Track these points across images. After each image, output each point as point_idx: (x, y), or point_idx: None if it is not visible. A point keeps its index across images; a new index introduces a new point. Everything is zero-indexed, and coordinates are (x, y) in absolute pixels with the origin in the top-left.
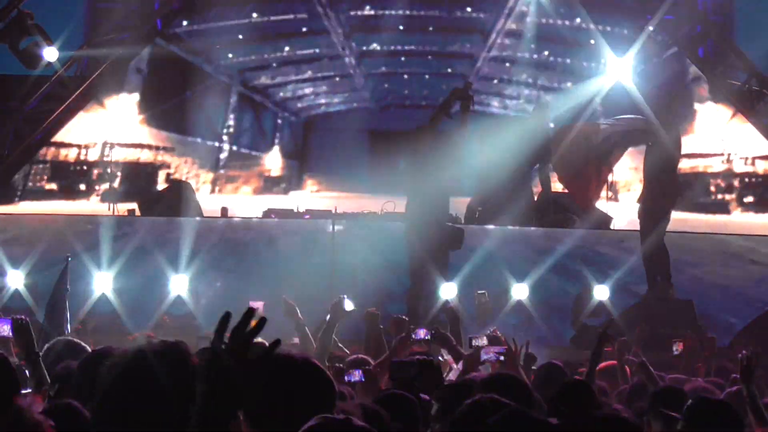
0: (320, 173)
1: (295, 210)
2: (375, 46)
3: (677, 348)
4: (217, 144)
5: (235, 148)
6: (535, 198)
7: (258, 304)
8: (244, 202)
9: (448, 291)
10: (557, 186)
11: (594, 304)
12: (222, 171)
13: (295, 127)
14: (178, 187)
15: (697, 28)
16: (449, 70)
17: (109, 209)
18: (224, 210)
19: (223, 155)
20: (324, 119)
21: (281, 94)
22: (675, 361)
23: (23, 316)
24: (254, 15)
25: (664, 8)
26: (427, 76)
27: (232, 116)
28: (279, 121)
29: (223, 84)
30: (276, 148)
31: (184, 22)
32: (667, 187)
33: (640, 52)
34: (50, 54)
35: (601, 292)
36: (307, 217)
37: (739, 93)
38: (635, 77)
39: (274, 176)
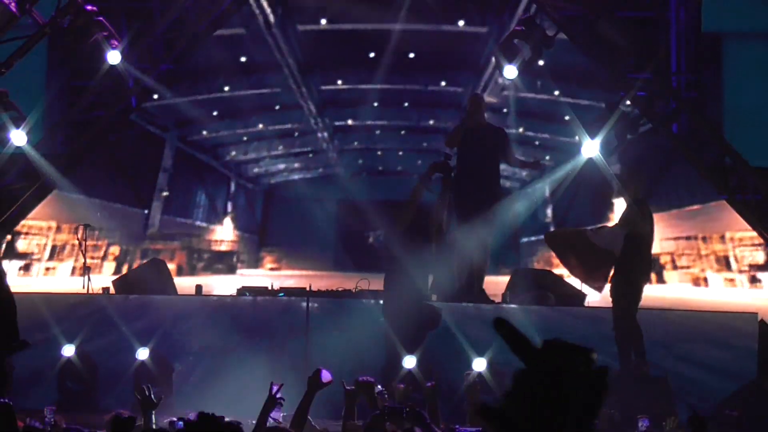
0: (280, 248)
1: (270, 288)
2: (349, 121)
3: (642, 425)
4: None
5: (166, 216)
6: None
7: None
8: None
9: (408, 362)
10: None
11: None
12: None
13: (252, 196)
14: (154, 265)
15: (671, 105)
16: (425, 145)
17: (83, 287)
18: (198, 287)
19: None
20: (287, 187)
21: (233, 153)
22: None
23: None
24: (226, 89)
25: (638, 85)
26: (401, 152)
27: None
28: (232, 187)
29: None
30: (227, 219)
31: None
32: (639, 265)
33: (614, 129)
34: (18, 138)
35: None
36: (282, 295)
37: (713, 169)
38: (608, 154)
39: (222, 251)
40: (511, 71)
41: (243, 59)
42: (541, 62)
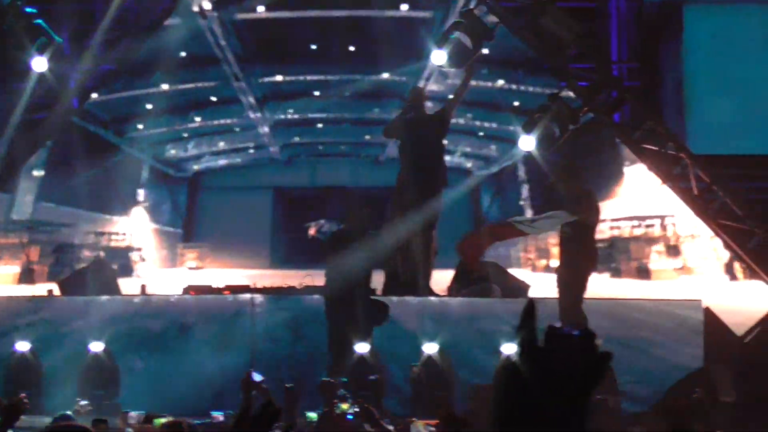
0: (206, 243)
1: (214, 286)
2: (290, 113)
3: None
4: None
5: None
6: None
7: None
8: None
9: (361, 348)
10: None
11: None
12: None
13: (173, 183)
14: (98, 266)
15: (612, 94)
16: (367, 137)
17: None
18: (143, 287)
19: None
20: (215, 174)
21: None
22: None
23: None
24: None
25: (579, 75)
26: (342, 146)
27: None
28: (144, 172)
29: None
30: (138, 210)
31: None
32: (584, 255)
33: (556, 119)
34: None
35: (511, 348)
36: (227, 293)
37: (656, 158)
38: (551, 145)
39: (119, 247)
40: (439, 57)
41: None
42: (486, 51)
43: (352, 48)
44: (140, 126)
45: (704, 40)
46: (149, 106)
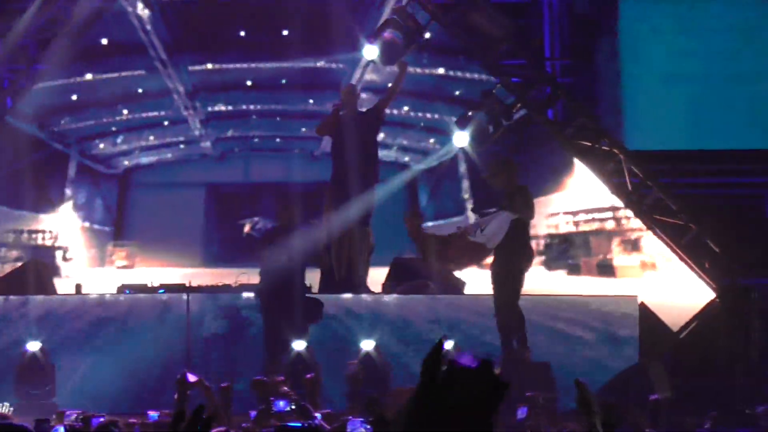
0: (136, 242)
1: (149, 285)
2: (222, 106)
3: (522, 413)
4: None
5: None
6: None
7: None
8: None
9: (298, 345)
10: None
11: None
12: None
13: (103, 180)
14: (33, 266)
15: (545, 91)
16: (303, 130)
17: None
18: (78, 287)
19: None
20: (146, 171)
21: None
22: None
23: None
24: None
25: (512, 72)
26: (278, 140)
27: None
28: (72, 168)
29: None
30: (66, 208)
31: None
32: (518, 252)
33: (489, 116)
34: None
35: (448, 345)
36: (162, 291)
37: (590, 153)
38: (484, 142)
39: (43, 245)
40: (371, 52)
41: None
42: (428, 35)
43: (285, 32)
44: (64, 120)
45: (641, 34)
46: (74, 98)
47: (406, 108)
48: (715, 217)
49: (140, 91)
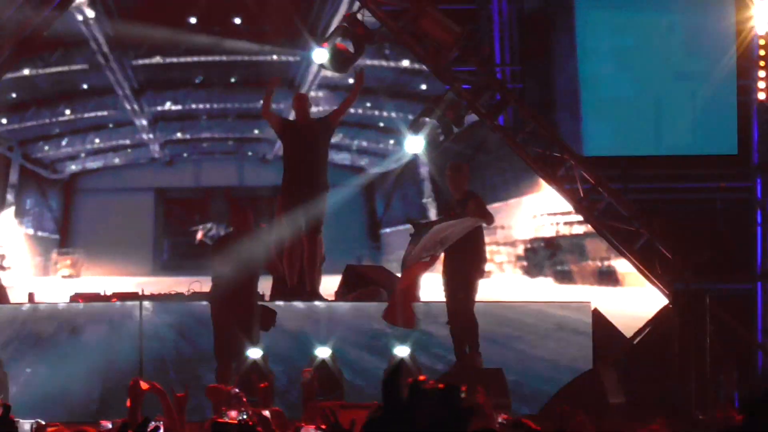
0: (82, 249)
1: (102, 293)
2: (169, 105)
3: None
4: None
5: None
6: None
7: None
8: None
9: (254, 353)
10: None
11: (396, 362)
12: None
13: (47, 186)
14: None
15: (496, 97)
16: (255, 132)
17: None
18: (31, 296)
19: None
20: (92, 177)
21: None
22: None
23: None
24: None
25: (463, 78)
26: (230, 142)
27: None
28: (14, 172)
29: None
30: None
31: None
32: (475, 259)
33: (440, 122)
34: None
35: (402, 351)
36: (114, 300)
37: (541, 160)
38: (435, 149)
39: None
40: (320, 56)
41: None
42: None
43: (237, 21)
44: (3, 119)
45: (597, 32)
46: (13, 95)
47: (368, 104)
48: (666, 222)
49: (84, 87)
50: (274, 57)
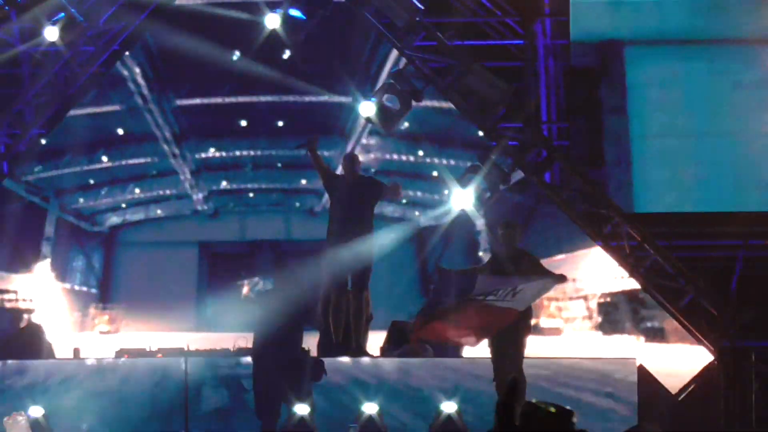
0: (122, 304)
1: (148, 349)
2: (213, 152)
3: None
4: None
5: None
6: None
7: None
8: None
9: (301, 409)
10: None
11: (444, 419)
12: None
13: (87, 239)
14: (31, 330)
15: (543, 154)
16: (297, 205)
17: None
18: (77, 351)
19: None
20: (133, 229)
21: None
22: None
23: None
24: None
25: (509, 135)
26: (277, 194)
27: None
28: (49, 224)
29: None
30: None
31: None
32: (525, 315)
33: (486, 179)
34: None
35: (449, 407)
36: (160, 356)
37: (587, 217)
38: (483, 206)
39: (10, 308)
40: (367, 109)
41: None
42: (406, 124)
43: (286, 55)
44: (37, 168)
45: (648, 88)
46: (42, 141)
47: (420, 153)
48: (712, 279)
49: (120, 132)
50: (324, 98)
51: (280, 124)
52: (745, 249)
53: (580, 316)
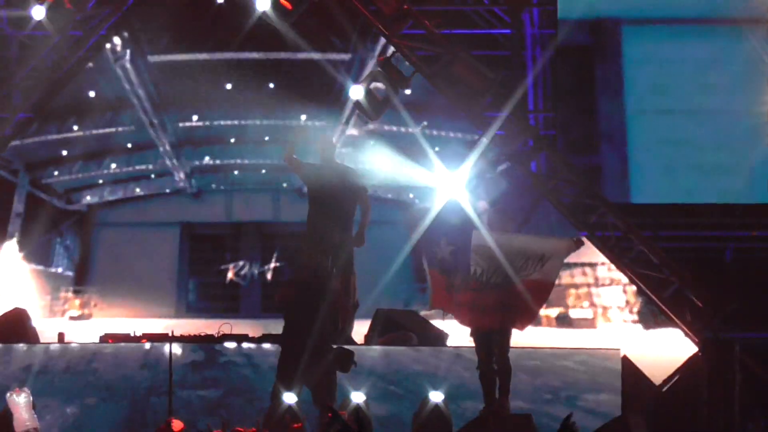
0: (96, 288)
1: (132, 334)
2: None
3: None
4: None
5: None
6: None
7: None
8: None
9: (289, 398)
10: None
11: (430, 408)
12: None
13: (61, 217)
14: (15, 314)
15: (529, 143)
16: (284, 185)
17: None
18: (61, 335)
19: None
20: (111, 208)
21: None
22: None
23: None
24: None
25: (497, 124)
26: (264, 171)
27: None
28: (18, 199)
29: None
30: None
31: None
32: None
33: (474, 167)
34: None
35: (436, 396)
36: (144, 341)
37: (572, 207)
38: (468, 193)
39: None
40: (357, 92)
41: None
42: (408, 91)
43: (271, 85)
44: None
45: (645, 69)
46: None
47: (425, 123)
48: (697, 270)
49: (92, 94)
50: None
51: (271, 86)
52: (731, 240)
53: (615, 305)
